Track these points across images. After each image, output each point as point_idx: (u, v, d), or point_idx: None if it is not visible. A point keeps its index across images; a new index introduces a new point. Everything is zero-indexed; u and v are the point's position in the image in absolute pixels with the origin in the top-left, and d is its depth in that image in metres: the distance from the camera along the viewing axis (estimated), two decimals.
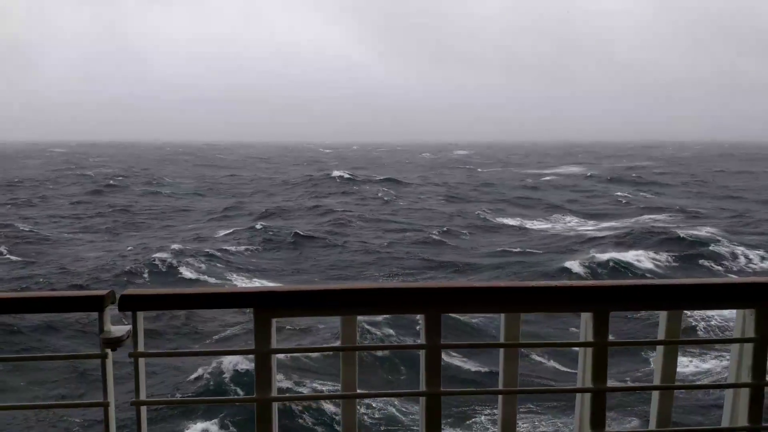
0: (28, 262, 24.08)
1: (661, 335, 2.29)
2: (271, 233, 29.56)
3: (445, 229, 31.39)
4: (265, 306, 2.13)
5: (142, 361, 2.11)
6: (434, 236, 29.50)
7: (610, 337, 2.21)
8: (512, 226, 33.92)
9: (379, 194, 46.92)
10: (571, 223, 34.42)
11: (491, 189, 54.18)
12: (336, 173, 62.47)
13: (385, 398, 11.73)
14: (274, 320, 2.15)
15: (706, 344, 14.85)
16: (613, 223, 32.68)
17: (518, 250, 26.96)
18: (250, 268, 24.01)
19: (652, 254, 24.70)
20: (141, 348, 2.10)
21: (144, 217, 36.72)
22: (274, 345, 2.15)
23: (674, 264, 24.01)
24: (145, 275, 21.80)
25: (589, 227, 32.53)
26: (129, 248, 26.31)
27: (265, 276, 22.91)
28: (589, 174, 66.27)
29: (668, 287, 2.27)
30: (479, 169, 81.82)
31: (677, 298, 2.24)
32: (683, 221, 31.96)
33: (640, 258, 24.14)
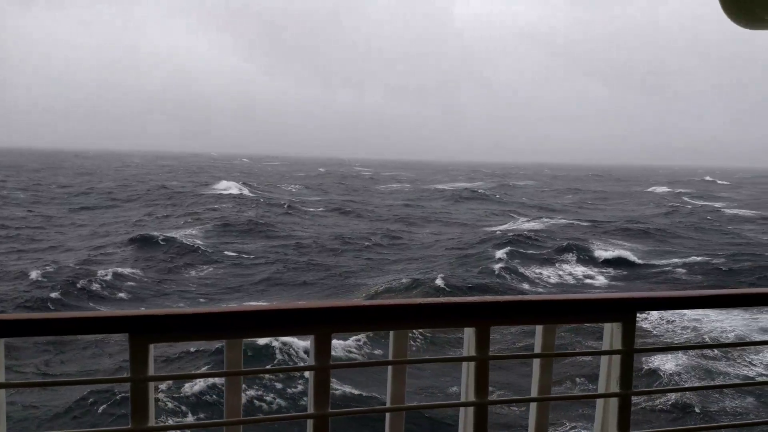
0: None
1: (537, 349, 2.39)
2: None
3: (374, 242, 31.77)
4: (142, 331, 2.00)
5: (1, 392, 1.98)
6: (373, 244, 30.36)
7: (491, 352, 2.28)
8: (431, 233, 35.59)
9: (310, 216, 43.98)
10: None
11: (396, 201, 56.20)
12: (237, 186, 61.45)
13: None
14: (151, 346, 2.03)
15: (578, 356, 15.03)
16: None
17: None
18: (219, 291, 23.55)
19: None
20: (2, 378, 1.97)
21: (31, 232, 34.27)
22: (151, 372, 2.03)
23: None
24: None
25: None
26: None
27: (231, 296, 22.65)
28: (481, 189, 70.96)
29: (543, 303, 2.41)
30: (381, 186, 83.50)
31: (551, 313, 2.35)
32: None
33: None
